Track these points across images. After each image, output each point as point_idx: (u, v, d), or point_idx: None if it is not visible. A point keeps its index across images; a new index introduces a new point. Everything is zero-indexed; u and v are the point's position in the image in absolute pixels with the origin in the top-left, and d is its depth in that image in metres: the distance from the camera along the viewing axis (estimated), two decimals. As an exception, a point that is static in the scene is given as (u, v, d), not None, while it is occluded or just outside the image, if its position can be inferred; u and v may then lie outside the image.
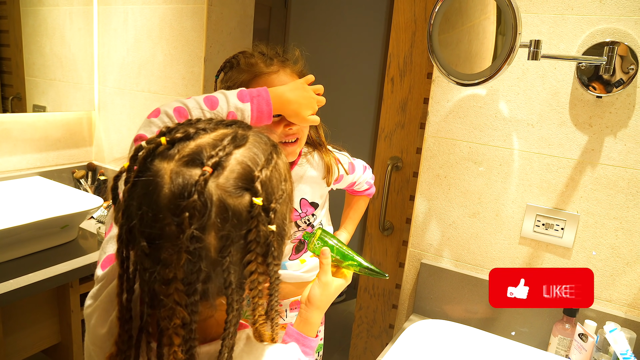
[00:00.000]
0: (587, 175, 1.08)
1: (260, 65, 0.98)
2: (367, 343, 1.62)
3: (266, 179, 0.51)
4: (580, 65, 1.04)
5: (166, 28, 1.66)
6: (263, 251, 0.51)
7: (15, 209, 1.43)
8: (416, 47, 1.40)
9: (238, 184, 0.49)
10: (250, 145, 0.53)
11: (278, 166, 0.55)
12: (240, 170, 0.50)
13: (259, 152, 0.53)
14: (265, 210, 0.50)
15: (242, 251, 0.50)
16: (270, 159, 0.53)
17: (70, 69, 1.81)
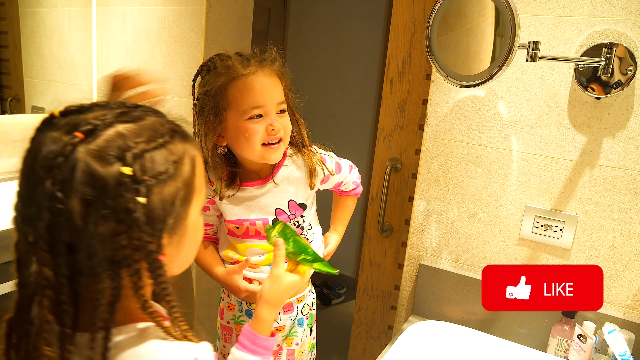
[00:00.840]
0: (585, 176, 1.08)
1: (238, 67, 0.97)
2: (366, 344, 1.62)
3: (143, 153, 0.51)
4: (579, 67, 1.05)
5: (165, 29, 1.66)
6: (130, 223, 0.50)
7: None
8: (415, 48, 1.40)
9: (109, 152, 0.49)
10: (142, 124, 0.53)
11: (172, 151, 0.54)
12: (115, 140, 0.50)
13: (149, 132, 0.53)
14: (135, 182, 0.49)
15: (110, 222, 0.49)
16: (162, 140, 0.53)
17: (69, 70, 1.81)
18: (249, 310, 1.13)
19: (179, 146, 0.55)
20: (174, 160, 0.54)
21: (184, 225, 0.57)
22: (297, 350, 1.19)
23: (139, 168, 0.50)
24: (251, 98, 0.96)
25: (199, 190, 0.59)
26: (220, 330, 1.16)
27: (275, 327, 1.14)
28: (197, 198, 0.59)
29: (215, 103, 0.97)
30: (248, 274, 1.09)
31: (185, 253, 0.61)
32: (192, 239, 0.60)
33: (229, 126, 0.99)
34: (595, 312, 1.08)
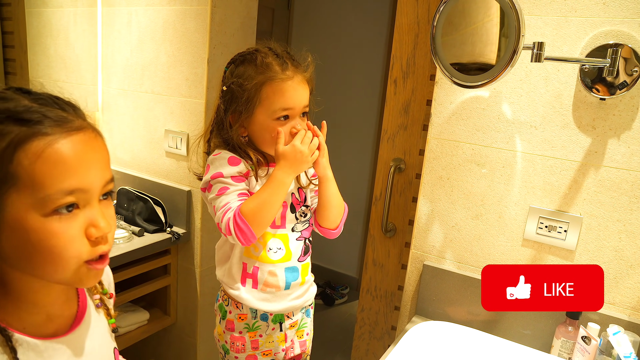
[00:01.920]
0: (590, 177, 1.08)
1: (276, 68, 1.02)
2: (369, 345, 1.62)
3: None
4: (584, 68, 1.04)
5: (170, 29, 1.66)
6: None
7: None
8: (419, 49, 1.40)
9: None
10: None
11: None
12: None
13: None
14: None
15: None
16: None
17: (74, 70, 1.82)
18: (265, 314, 1.13)
19: (9, 127, 0.51)
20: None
21: (1, 214, 0.52)
22: (308, 340, 1.24)
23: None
24: (283, 101, 1.02)
25: (25, 184, 0.51)
26: (231, 343, 1.15)
27: (290, 323, 1.17)
28: (20, 190, 0.51)
29: (248, 97, 1.02)
30: (266, 267, 1.10)
31: (20, 253, 0.54)
32: (26, 240, 0.52)
33: (256, 121, 1.04)
34: (600, 314, 1.08)
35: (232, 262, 1.11)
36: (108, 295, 0.72)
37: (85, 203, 0.55)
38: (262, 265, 1.10)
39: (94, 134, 0.58)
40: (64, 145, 0.53)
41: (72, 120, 0.55)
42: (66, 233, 0.53)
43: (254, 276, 1.10)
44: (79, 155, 0.54)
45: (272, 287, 1.11)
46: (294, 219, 1.13)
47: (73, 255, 0.54)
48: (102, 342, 0.69)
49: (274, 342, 1.15)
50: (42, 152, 0.51)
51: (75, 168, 0.54)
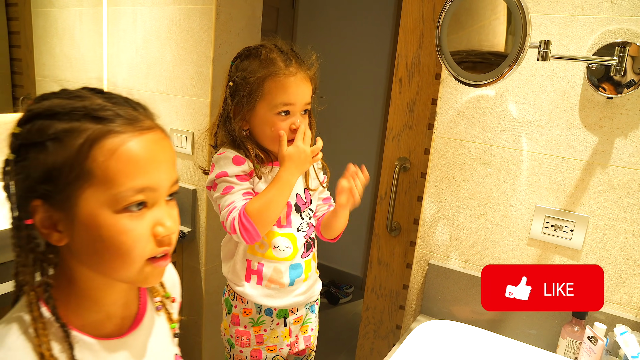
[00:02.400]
0: (597, 176, 1.07)
1: (280, 63, 1.04)
2: (373, 344, 1.62)
3: (33, 118, 0.54)
4: (591, 66, 1.04)
5: (175, 29, 1.66)
6: (4, 172, 0.55)
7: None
8: (424, 48, 1.40)
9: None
10: (65, 100, 0.55)
11: (69, 125, 0.53)
12: (33, 106, 0.55)
13: (61, 107, 0.54)
14: (15, 138, 0.55)
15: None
16: (64, 113, 0.53)
17: (80, 70, 1.83)
18: (269, 309, 1.14)
19: (85, 125, 0.53)
20: (54, 131, 0.52)
21: (75, 209, 0.53)
22: (313, 335, 1.25)
23: (27, 127, 0.53)
24: (285, 96, 1.03)
25: (99, 180, 0.52)
26: (236, 337, 1.17)
27: (294, 318, 1.18)
28: (94, 186, 0.53)
29: (250, 90, 1.03)
30: (271, 264, 1.11)
31: (90, 249, 0.55)
32: (97, 236, 0.54)
33: (257, 115, 1.06)
34: (606, 314, 1.07)
35: (236, 259, 1.12)
36: (170, 299, 0.73)
37: (154, 202, 0.56)
38: (267, 262, 1.11)
39: (162, 134, 0.59)
40: (136, 144, 0.54)
41: (142, 119, 0.57)
42: (135, 230, 0.55)
43: (258, 273, 1.11)
44: (150, 154, 0.55)
45: (277, 284, 1.12)
46: (300, 218, 1.14)
47: (139, 253, 0.56)
48: (162, 347, 0.69)
49: (278, 337, 1.16)
50: (116, 150, 0.53)
51: (146, 167, 0.55)
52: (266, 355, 1.16)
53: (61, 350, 0.55)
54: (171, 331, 0.71)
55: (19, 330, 0.54)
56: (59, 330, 0.55)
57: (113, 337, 0.61)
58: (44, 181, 0.53)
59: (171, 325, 0.71)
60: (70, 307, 0.58)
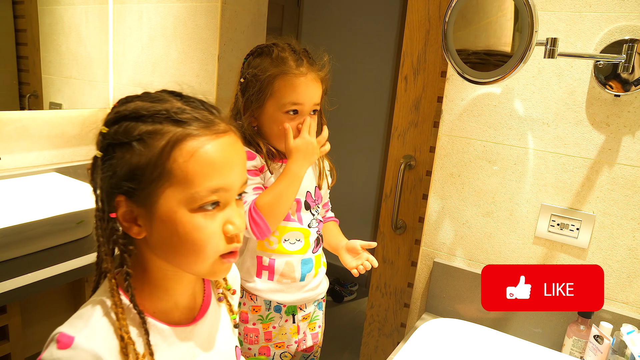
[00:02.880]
0: (603, 175, 1.07)
1: (291, 63, 1.04)
2: (378, 342, 1.62)
3: (120, 120, 0.58)
4: (598, 64, 1.03)
5: (180, 26, 1.67)
6: (92, 167, 0.60)
7: (33, 204, 1.45)
8: (430, 45, 1.40)
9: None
10: (150, 103, 0.59)
11: (152, 127, 0.57)
12: (119, 108, 0.60)
13: (146, 110, 0.58)
14: (104, 138, 0.59)
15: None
16: (147, 115, 0.57)
17: (86, 67, 1.83)
18: (278, 306, 1.14)
19: (167, 127, 0.57)
20: (138, 133, 0.56)
21: (155, 206, 0.57)
22: (320, 332, 1.26)
23: (115, 128, 0.58)
24: (294, 95, 1.03)
25: (178, 180, 0.56)
26: (244, 334, 1.17)
27: (303, 315, 1.19)
28: (173, 185, 0.56)
29: (260, 88, 1.04)
30: (282, 259, 1.11)
31: (167, 243, 0.59)
32: (174, 231, 0.58)
33: (266, 112, 1.06)
34: (613, 313, 1.07)
35: (245, 256, 1.12)
36: (231, 291, 0.77)
37: (226, 202, 0.60)
38: (279, 257, 1.11)
39: (236, 136, 0.62)
40: (212, 147, 0.58)
41: (218, 123, 0.60)
42: (208, 228, 0.58)
43: (270, 268, 1.11)
44: (224, 157, 0.59)
45: (288, 279, 1.12)
46: (310, 215, 1.14)
47: (212, 249, 0.59)
48: (224, 337, 0.72)
49: (286, 334, 1.16)
50: (195, 152, 0.56)
51: (221, 169, 0.58)
52: (274, 352, 1.17)
53: (137, 335, 0.59)
54: (232, 322, 0.76)
55: (101, 312, 0.59)
56: (136, 317, 0.59)
57: (183, 324, 0.65)
58: (129, 179, 0.57)
59: (232, 317, 0.75)
60: (144, 295, 0.62)
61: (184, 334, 0.65)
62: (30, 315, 1.22)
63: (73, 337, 0.55)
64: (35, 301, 1.24)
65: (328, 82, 1.11)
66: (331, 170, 1.23)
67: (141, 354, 0.58)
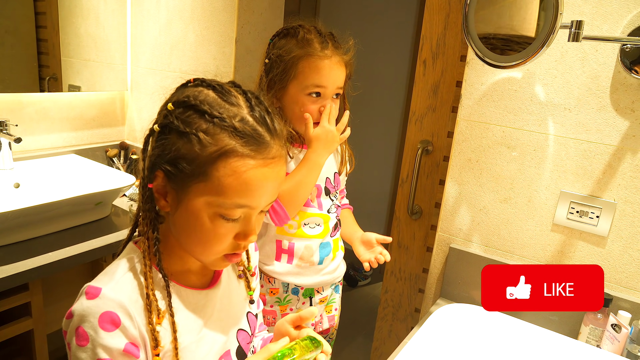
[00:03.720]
0: (626, 162, 1.04)
1: (316, 45, 1.03)
2: (392, 326, 1.62)
3: (186, 106, 0.61)
4: (625, 48, 1.00)
5: (198, 8, 1.66)
6: (147, 136, 0.64)
7: (53, 185, 1.48)
8: (450, 29, 1.37)
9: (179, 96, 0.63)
10: (223, 98, 0.62)
11: (206, 128, 0.59)
12: (188, 92, 0.63)
13: (218, 104, 0.61)
14: (165, 115, 0.62)
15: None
16: (209, 112, 0.60)
17: (104, 50, 1.84)
18: (296, 288, 1.15)
19: (223, 136, 0.59)
20: (196, 129, 0.59)
21: (185, 196, 0.61)
22: (336, 315, 1.27)
23: (179, 112, 0.61)
24: (317, 77, 1.02)
25: (212, 186, 0.59)
26: (262, 316, 1.18)
27: (320, 298, 1.20)
28: (207, 188, 0.60)
29: (284, 69, 1.03)
30: (302, 242, 1.12)
31: (182, 228, 0.64)
32: (192, 224, 0.62)
33: (288, 94, 1.06)
34: (632, 302, 1.05)
35: (264, 240, 1.13)
36: (251, 272, 0.81)
37: (247, 216, 0.63)
38: (298, 241, 1.12)
39: (282, 161, 0.64)
40: (256, 174, 0.60)
41: (271, 146, 0.62)
42: (222, 233, 0.62)
43: (290, 251, 1.12)
44: (263, 184, 0.61)
45: (307, 262, 1.13)
46: (330, 200, 1.15)
47: (218, 249, 0.64)
48: (236, 304, 0.77)
49: None
50: (237, 171, 0.59)
51: (255, 192, 0.61)
52: None
53: (161, 297, 0.64)
54: (247, 297, 0.80)
55: (128, 269, 0.63)
56: (160, 280, 0.64)
57: (196, 288, 0.70)
58: (172, 164, 0.60)
59: (248, 292, 0.80)
60: (164, 258, 0.66)
61: (200, 296, 0.69)
62: (52, 294, 1.25)
63: (100, 287, 0.60)
64: (56, 280, 1.27)
65: (352, 67, 1.10)
66: (350, 157, 1.22)
67: (163, 311, 0.63)
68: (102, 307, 0.58)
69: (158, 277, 0.64)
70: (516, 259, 1.21)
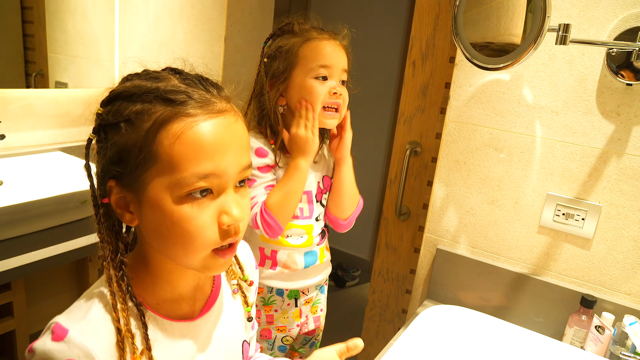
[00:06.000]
0: (611, 165, 1.06)
1: (313, 32, 1.02)
2: (379, 327, 1.62)
3: (114, 100, 0.55)
4: (611, 52, 1.01)
5: (187, 6, 1.65)
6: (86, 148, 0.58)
7: (37, 183, 1.45)
8: (439, 30, 1.37)
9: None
10: (146, 82, 0.56)
11: (142, 107, 0.53)
12: (118, 87, 0.57)
13: (139, 88, 0.54)
14: (98, 118, 0.56)
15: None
16: (138, 94, 0.54)
17: (92, 46, 1.82)
18: (280, 290, 1.14)
19: (156, 107, 0.52)
20: (135, 111, 0.52)
21: (143, 192, 0.53)
22: (322, 316, 1.26)
23: (108, 109, 0.55)
24: (320, 57, 1.01)
25: (164, 165, 0.52)
26: None
27: (305, 299, 1.19)
28: (159, 170, 0.52)
29: (285, 59, 1.02)
30: (285, 250, 1.11)
31: (156, 232, 0.55)
32: (161, 220, 0.53)
33: (294, 84, 1.03)
34: (615, 304, 1.07)
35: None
36: (248, 282, 0.72)
37: (220, 190, 0.54)
38: (281, 249, 1.10)
39: (235, 117, 0.56)
40: (202, 128, 0.52)
41: (214, 102, 0.54)
42: (198, 219, 0.53)
43: (272, 258, 1.11)
44: (216, 139, 0.53)
45: (291, 270, 1.12)
46: (321, 206, 1.14)
47: (203, 242, 0.54)
48: (231, 332, 0.68)
49: (288, 318, 1.17)
50: (182, 134, 0.51)
51: (212, 152, 0.52)
52: (275, 335, 1.17)
53: (136, 327, 0.56)
54: (245, 315, 0.71)
55: (101, 302, 0.55)
56: (134, 307, 0.56)
57: (186, 319, 0.61)
58: (116, 162, 0.53)
59: (246, 309, 0.71)
60: (147, 286, 0.59)
61: (187, 329, 0.61)
62: (35, 293, 1.23)
63: (67, 330, 0.52)
64: (39, 279, 1.26)
65: (351, 57, 1.09)
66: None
67: (140, 349, 0.55)
68: (65, 354, 0.51)
69: (132, 304, 0.56)
70: (502, 260, 1.21)
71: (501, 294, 1.20)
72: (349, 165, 1.12)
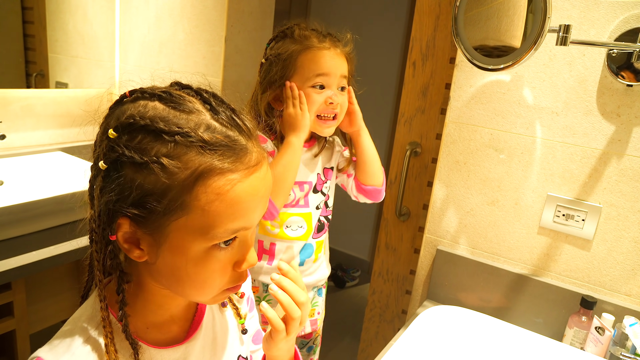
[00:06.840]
0: (612, 166, 1.06)
1: (313, 39, 1.02)
2: (379, 327, 1.62)
3: (133, 128, 0.49)
4: (611, 53, 1.01)
5: (187, 7, 1.65)
6: (92, 176, 0.54)
7: (38, 183, 1.46)
8: (440, 31, 1.37)
9: (119, 115, 0.53)
10: (177, 110, 0.50)
11: (173, 151, 0.48)
12: (133, 109, 0.51)
13: (171, 118, 0.49)
14: (111, 143, 0.50)
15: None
16: (167, 130, 0.48)
17: (92, 47, 1.82)
18: None
19: (191, 155, 0.48)
20: (155, 155, 0.47)
21: (165, 237, 0.50)
22: (319, 319, 1.26)
23: (127, 138, 0.49)
24: (318, 67, 1.01)
25: (197, 217, 0.49)
26: None
27: None
28: (190, 220, 0.49)
29: (283, 66, 1.02)
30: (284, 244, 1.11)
31: (171, 274, 0.53)
32: (182, 265, 0.51)
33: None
34: (615, 305, 1.07)
35: None
36: (239, 295, 0.70)
37: (243, 238, 0.54)
38: (279, 242, 1.11)
39: (266, 163, 0.53)
40: (242, 188, 0.49)
41: (250, 151, 0.51)
42: (218, 264, 0.52)
43: (270, 252, 1.11)
44: (253, 196, 0.51)
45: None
46: (321, 195, 1.14)
47: (217, 285, 0.54)
48: (223, 348, 0.66)
49: None
50: (222, 192, 0.48)
51: (248, 210, 0.51)
52: None
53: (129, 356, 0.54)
54: (239, 327, 0.69)
55: (86, 335, 0.53)
56: (129, 347, 0.54)
57: (176, 343, 0.60)
58: (137, 205, 0.48)
59: (239, 321, 0.69)
60: (137, 311, 0.57)
61: (176, 355, 0.59)
62: (35, 293, 1.23)
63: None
64: (40, 279, 1.26)
65: (354, 61, 1.09)
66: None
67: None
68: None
69: (126, 344, 0.53)
70: (503, 261, 1.21)
71: (501, 294, 1.20)
72: (367, 133, 1.15)
